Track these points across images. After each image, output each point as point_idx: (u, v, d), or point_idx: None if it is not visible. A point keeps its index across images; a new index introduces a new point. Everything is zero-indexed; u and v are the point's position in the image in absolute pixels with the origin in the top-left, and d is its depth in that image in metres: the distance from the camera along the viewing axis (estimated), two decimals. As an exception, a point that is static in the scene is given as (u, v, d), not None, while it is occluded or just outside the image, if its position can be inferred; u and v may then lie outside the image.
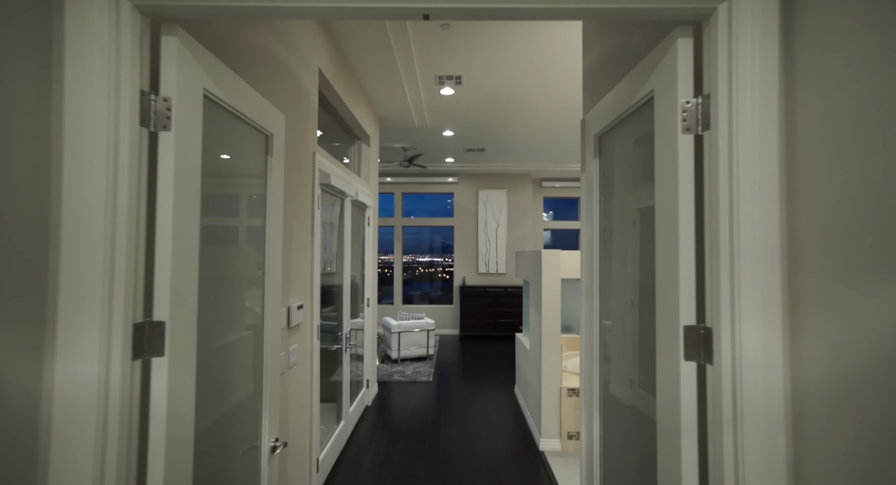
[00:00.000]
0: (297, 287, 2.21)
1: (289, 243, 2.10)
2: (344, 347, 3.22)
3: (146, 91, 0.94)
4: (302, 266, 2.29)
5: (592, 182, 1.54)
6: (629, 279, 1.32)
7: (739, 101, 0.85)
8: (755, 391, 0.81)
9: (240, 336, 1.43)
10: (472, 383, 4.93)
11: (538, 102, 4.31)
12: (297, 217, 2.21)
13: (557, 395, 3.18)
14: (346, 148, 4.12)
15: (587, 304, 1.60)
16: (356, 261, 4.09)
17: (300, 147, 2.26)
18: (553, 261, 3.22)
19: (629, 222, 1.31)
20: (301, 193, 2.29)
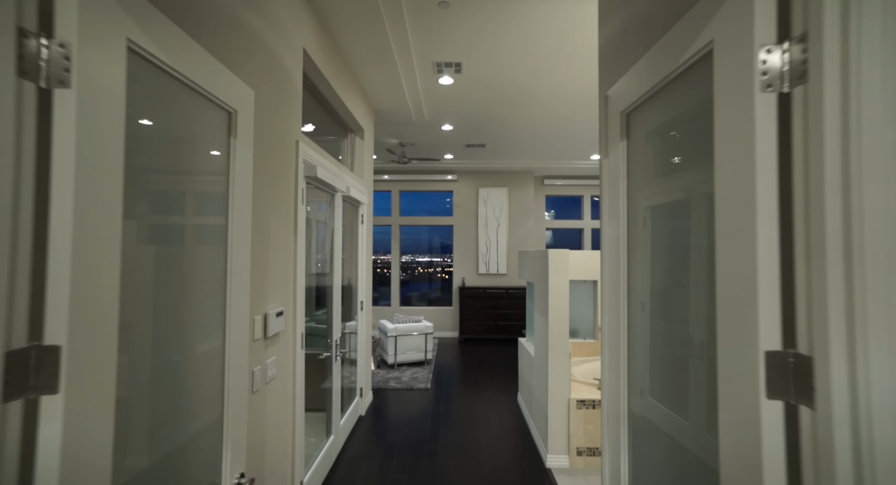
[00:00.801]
0: (276, 291, 1.95)
1: (265, 242, 1.85)
2: (334, 355, 2.97)
3: (31, 31, 0.69)
4: (283, 268, 2.04)
5: (618, 169, 1.29)
6: (665, 285, 1.07)
7: (863, 40, 0.60)
8: (893, 454, 0.57)
9: (195, 353, 1.18)
10: (472, 389, 4.68)
11: (542, 92, 4.06)
12: (276, 212, 1.96)
13: (566, 407, 2.93)
14: (339, 142, 3.87)
15: (611, 311, 1.35)
16: (349, 261, 3.84)
17: (281, 134, 2.01)
18: (561, 261, 2.97)
19: (671, 215, 1.06)
20: (282, 185, 2.04)
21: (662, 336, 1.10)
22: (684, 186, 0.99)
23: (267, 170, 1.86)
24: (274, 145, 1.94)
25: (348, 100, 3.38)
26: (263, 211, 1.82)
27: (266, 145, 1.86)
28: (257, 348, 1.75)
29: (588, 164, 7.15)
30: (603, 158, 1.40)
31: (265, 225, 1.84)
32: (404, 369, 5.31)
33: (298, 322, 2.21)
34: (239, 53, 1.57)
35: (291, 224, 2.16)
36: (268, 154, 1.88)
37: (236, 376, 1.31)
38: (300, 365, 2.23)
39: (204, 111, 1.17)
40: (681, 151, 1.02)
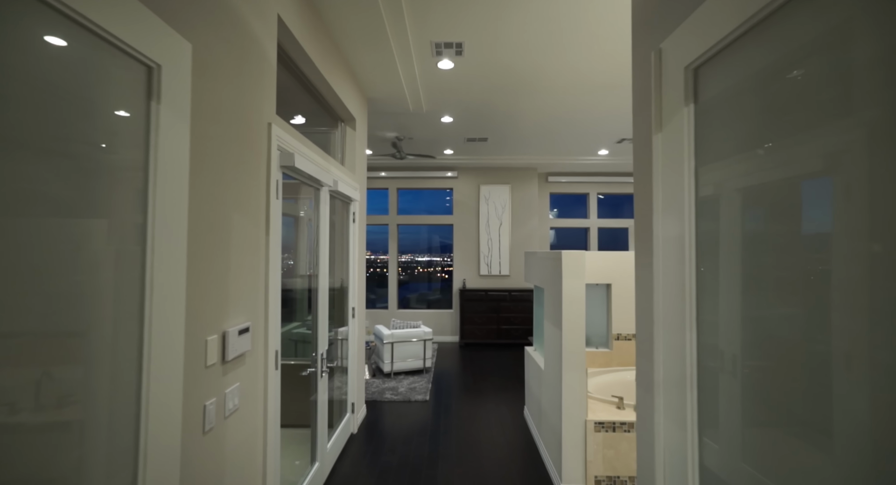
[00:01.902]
0: (240, 304, 1.61)
1: (225, 244, 1.50)
2: (319, 370, 2.62)
3: None
4: (250, 274, 1.69)
5: (681, 144, 0.95)
6: (771, 305, 0.73)
7: None
8: None
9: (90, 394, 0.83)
10: (474, 401, 4.33)
11: (551, 78, 3.71)
12: (241, 208, 1.61)
13: (582, 430, 2.59)
14: (329, 135, 3.52)
15: (671, 337, 1.00)
16: (340, 264, 3.49)
17: (247, 114, 1.66)
18: (576, 264, 2.62)
19: (783, 203, 0.72)
20: (249, 175, 1.69)
21: (772, 380, 0.75)
22: (816, 152, 0.64)
23: (228, 155, 1.51)
24: (238, 127, 1.59)
25: (337, 85, 3.03)
26: (223, 206, 1.47)
27: (227, 125, 1.51)
28: (211, 377, 1.40)
29: (595, 159, 6.80)
30: (656, 134, 1.05)
31: (225, 223, 1.49)
32: (401, 379, 4.96)
33: (271, 339, 1.86)
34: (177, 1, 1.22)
35: (262, 222, 1.82)
36: (229, 137, 1.53)
37: (164, 421, 0.97)
38: (274, 390, 1.88)
39: (100, 59, 0.82)
40: (804, 102, 0.67)
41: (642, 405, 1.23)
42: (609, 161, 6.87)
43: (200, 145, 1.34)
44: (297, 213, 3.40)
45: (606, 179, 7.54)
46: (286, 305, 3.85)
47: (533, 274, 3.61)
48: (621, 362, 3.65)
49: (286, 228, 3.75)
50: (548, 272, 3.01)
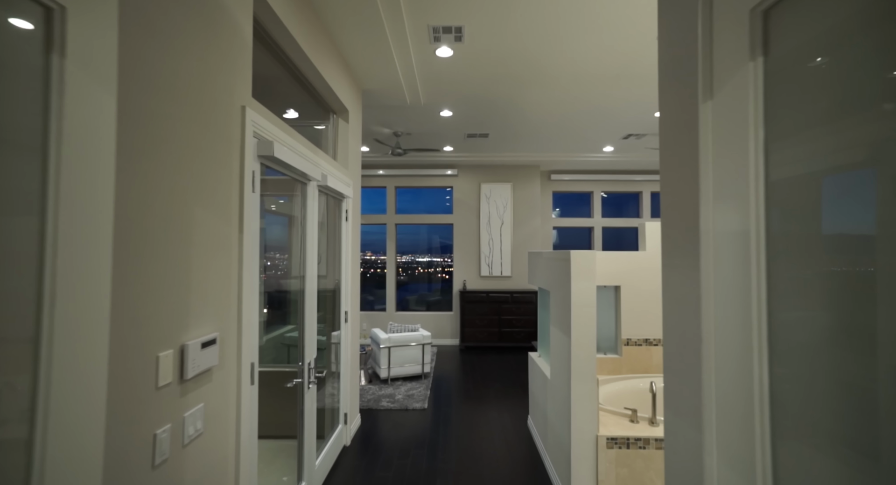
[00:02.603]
0: (205, 311, 1.39)
1: (186, 242, 1.29)
2: (306, 382, 2.41)
3: None
4: (218, 278, 1.48)
5: (746, 111, 0.73)
6: None
7: None
8: None
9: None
10: (475, 409, 4.11)
11: (557, 67, 3.49)
12: (206, 202, 1.40)
13: (592, 446, 2.37)
14: (322, 133, 3.30)
15: (731, 358, 0.78)
16: (332, 265, 3.28)
17: (214, 94, 1.44)
18: (586, 265, 2.40)
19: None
20: (216, 164, 1.47)
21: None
22: None
23: (189, 140, 1.30)
24: (203, 108, 1.38)
25: (328, 72, 2.82)
26: (182, 198, 1.26)
27: (188, 105, 1.29)
28: (164, 400, 1.18)
29: (599, 157, 6.58)
30: (704, 101, 0.83)
31: (186, 218, 1.28)
32: (399, 385, 4.74)
33: (246, 350, 1.64)
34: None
35: (234, 218, 1.60)
36: (191, 118, 1.31)
37: (73, 468, 0.75)
38: (249, 408, 1.67)
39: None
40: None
41: (674, 433, 1.01)
42: (614, 158, 6.65)
43: (151, 125, 1.13)
44: (292, 212, 3.19)
45: (611, 178, 7.33)
46: (280, 308, 3.65)
47: (537, 275, 3.40)
48: (631, 369, 3.43)
49: (279, 227, 3.54)
50: (554, 274, 2.79)
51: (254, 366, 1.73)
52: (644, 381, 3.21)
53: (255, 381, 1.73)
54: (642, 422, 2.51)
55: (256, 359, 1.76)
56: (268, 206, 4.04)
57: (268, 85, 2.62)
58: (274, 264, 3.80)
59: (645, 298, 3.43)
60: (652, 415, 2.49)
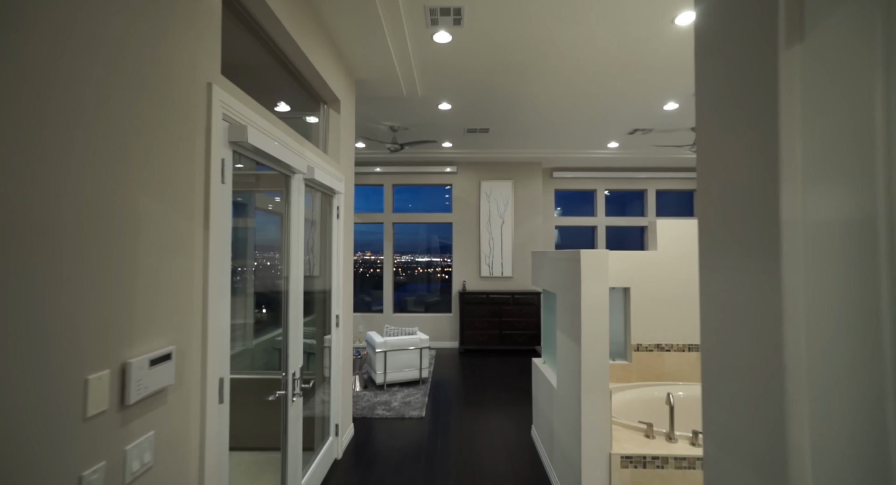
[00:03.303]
0: (156, 321, 1.17)
1: (131, 239, 1.07)
2: (290, 394, 2.19)
3: None
4: (176, 281, 1.26)
5: (867, 50, 0.51)
6: None
7: None
8: None
9: None
10: (475, 418, 3.89)
11: (561, 55, 3.27)
12: (156, 191, 1.18)
13: (605, 465, 2.15)
14: (313, 122, 3.08)
15: (839, 394, 0.56)
16: (323, 265, 3.06)
17: (170, 66, 1.22)
18: (598, 266, 2.19)
19: None
20: (172, 149, 1.26)
21: None
22: None
23: (132, 116, 1.08)
24: (155, 80, 1.16)
25: (317, 59, 2.60)
26: (122, 186, 1.04)
27: (131, 74, 1.07)
28: (96, 431, 0.97)
29: (603, 153, 6.37)
30: (788, 46, 0.61)
31: (129, 210, 1.06)
32: (395, 391, 4.52)
33: (213, 364, 1.42)
34: None
35: (198, 212, 1.38)
36: (136, 91, 1.09)
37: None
38: (217, 432, 1.45)
39: None
40: None
41: (721, 472, 0.80)
42: (618, 155, 6.44)
43: (70, 93, 0.91)
44: (282, 209, 2.97)
45: (614, 175, 7.11)
46: (271, 310, 3.43)
47: (542, 277, 3.18)
48: (642, 377, 3.22)
49: (273, 226, 3.32)
50: (562, 275, 2.57)
51: (223, 382, 1.51)
52: (658, 389, 3.00)
53: (224, 399, 1.51)
54: (659, 438, 2.29)
55: (227, 373, 1.54)
56: (260, 204, 3.83)
57: (250, 71, 2.40)
58: (265, 265, 3.59)
59: (657, 301, 3.22)
60: (669, 430, 2.27)
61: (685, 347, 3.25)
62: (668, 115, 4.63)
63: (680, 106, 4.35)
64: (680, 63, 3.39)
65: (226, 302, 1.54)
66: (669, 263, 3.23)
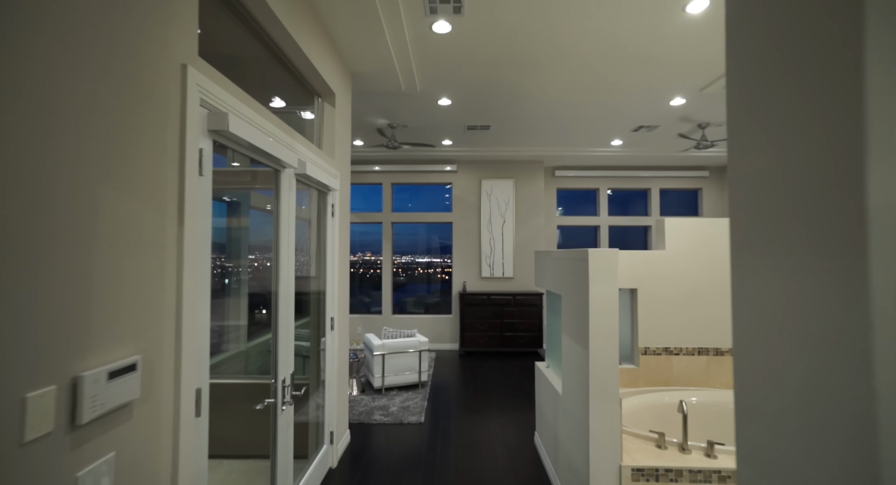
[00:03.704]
0: (118, 327, 1.04)
1: (89, 234, 0.94)
2: (280, 402, 2.05)
3: None
4: (143, 282, 1.13)
5: None
6: None
7: None
8: None
9: None
10: (476, 423, 3.76)
11: (566, 46, 3.14)
12: (119, 182, 1.05)
13: (615, 478, 2.02)
14: (309, 118, 2.95)
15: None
16: (318, 266, 2.93)
17: (137, 43, 1.09)
18: (607, 266, 2.05)
19: None
20: (140, 135, 1.13)
21: None
22: None
23: (91, 97, 0.95)
24: (120, 59, 1.03)
25: (310, 49, 2.47)
26: (81, 174, 0.91)
27: (91, 50, 0.94)
28: (38, 458, 0.83)
29: (606, 151, 6.24)
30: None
31: (81, 203, 0.93)
32: (393, 395, 4.39)
33: (188, 374, 1.29)
34: None
35: (171, 207, 1.25)
36: (95, 68, 0.96)
37: None
38: (192, 449, 1.31)
39: None
40: None
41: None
42: (622, 153, 6.31)
43: (16, 66, 0.78)
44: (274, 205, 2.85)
45: (617, 174, 6.98)
46: (269, 312, 3.30)
47: (546, 277, 3.05)
48: (650, 382, 3.09)
49: (269, 225, 3.20)
50: (568, 276, 2.44)
51: (201, 393, 1.38)
52: (668, 395, 2.86)
53: (202, 411, 1.38)
54: (671, 448, 2.16)
55: (206, 383, 1.41)
56: (256, 203, 3.70)
57: (239, 63, 2.27)
58: (263, 265, 3.46)
59: (665, 303, 3.09)
60: (683, 440, 2.14)
61: (694, 351, 3.12)
62: (675, 111, 4.50)
63: (687, 101, 4.22)
64: (690, 54, 3.25)
65: (204, 305, 1.41)
66: (678, 263, 3.10)
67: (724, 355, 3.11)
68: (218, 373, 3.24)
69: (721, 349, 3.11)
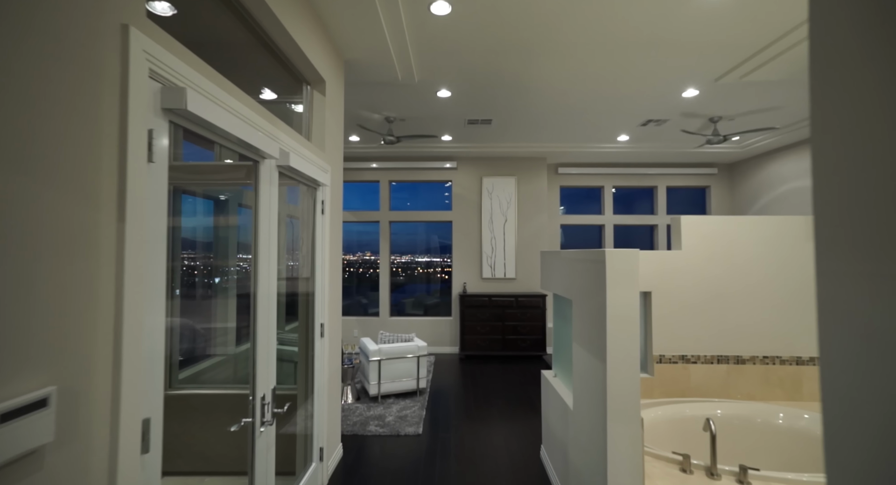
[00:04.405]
0: (21, 351, 0.81)
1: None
2: (258, 422, 1.82)
3: None
4: (64, 293, 0.90)
5: None
6: None
7: None
8: None
9: None
10: (478, 434, 3.53)
11: (574, 31, 2.91)
12: (32, 167, 0.82)
13: (637, 508, 1.79)
14: (289, 100, 2.72)
15: None
16: (306, 267, 2.70)
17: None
18: (627, 268, 1.82)
19: None
20: (64, 108, 0.89)
21: None
22: None
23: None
24: (43, 15, 0.80)
25: (297, 31, 2.24)
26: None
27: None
28: None
29: (611, 148, 6.01)
30: None
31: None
32: (390, 404, 4.15)
33: (129, 405, 1.06)
34: None
35: (108, 199, 1.02)
36: None
37: None
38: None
39: None
40: None
41: None
42: (627, 149, 6.07)
43: None
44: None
45: (623, 171, 6.75)
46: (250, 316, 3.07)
47: (553, 280, 2.82)
48: (665, 392, 2.86)
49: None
50: (580, 278, 2.21)
51: (149, 424, 1.14)
52: (688, 407, 2.63)
53: (151, 446, 1.15)
54: (698, 472, 1.93)
55: (158, 411, 1.18)
56: (249, 201, 3.47)
57: (218, 47, 2.04)
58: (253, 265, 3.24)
59: (681, 307, 2.86)
60: (711, 463, 1.91)
61: (714, 359, 2.89)
62: (687, 103, 4.27)
63: (700, 93, 3.98)
64: (707, 40, 3.02)
65: (156, 315, 1.18)
66: (695, 265, 2.87)
67: (746, 364, 2.88)
68: (202, 382, 3.01)
69: (742, 357, 2.88)
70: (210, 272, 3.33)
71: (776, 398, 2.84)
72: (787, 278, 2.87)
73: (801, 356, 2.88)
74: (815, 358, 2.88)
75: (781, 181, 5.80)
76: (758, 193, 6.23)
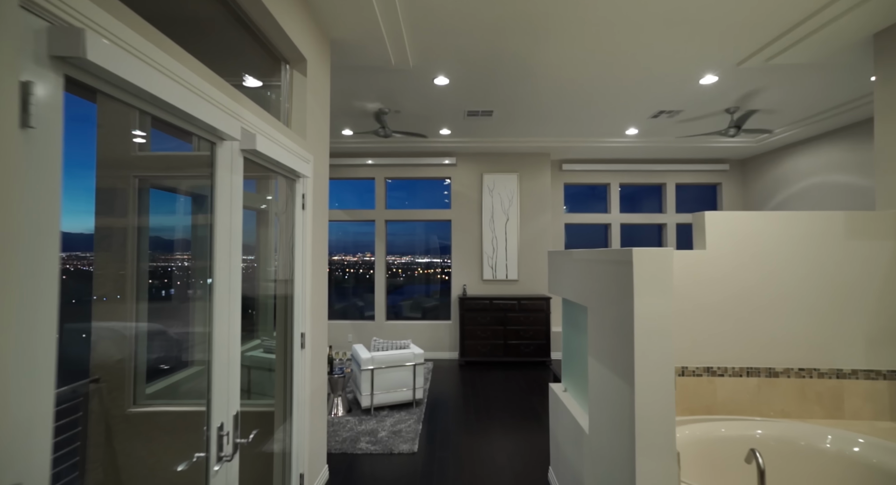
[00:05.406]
0: None
1: None
2: (213, 458, 1.50)
3: None
4: None
5: None
6: None
7: None
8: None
9: None
10: (478, 452, 3.21)
11: (585, 5, 2.59)
12: None
13: (673, 562, 1.47)
14: (268, 84, 2.41)
15: None
16: (284, 268, 2.39)
17: None
18: (659, 270, 1.51)
19: None
20: None
21: None
22: None
23: None
24: None
25: (273, 2, 1.93)
26: None
27: None
28: None
29: (618, 143, 5.69)
30: None
31: None
32: (384, 416, 3.83)
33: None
34: None
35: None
36: None
37: None
38: None
39: None
40: None
41: None
42: (635, 144, 5.76)
43: None
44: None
45: (629, 168, 6.44)
46: (248, 318, 2.76)
47: (563, 283, 2.50)
48: (688, 409, 2.54)
49: (250, 223, 2.67)
50: (597, 282, 1.89)
51: None
52: (723, 426, 2.31)
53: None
54: (742, 514, 1.61)
55: (45, 464, 0.87)
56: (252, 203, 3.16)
57: (182, 21, 1.73)
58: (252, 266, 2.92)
59: (706, 313, 2.55)
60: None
61: (742, 372, 2.57)
62: (704, 91, 3.95)
63: (720, 79, 3.67)
64: (731, 15, 2.70)
65: (50, 327, 0.86)
66: (721, 266, 2.56)
67: (779, 377, 2.56)
68: (177, 396, 2.70)
69: (775, 370, 2.57)
70: (188, 273, 3.02)
71: (814, 416, 2.53)
72: (825, 281, 2.55)
73: (841, 369, 2.56)
74: (857, 371, 2.57)
75: (799, 177, 5.48)
76: (773, 190, 5.91)
